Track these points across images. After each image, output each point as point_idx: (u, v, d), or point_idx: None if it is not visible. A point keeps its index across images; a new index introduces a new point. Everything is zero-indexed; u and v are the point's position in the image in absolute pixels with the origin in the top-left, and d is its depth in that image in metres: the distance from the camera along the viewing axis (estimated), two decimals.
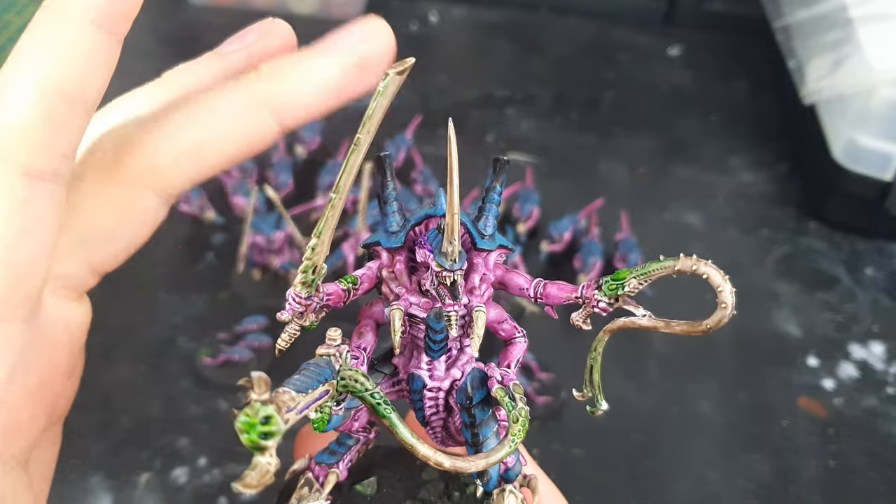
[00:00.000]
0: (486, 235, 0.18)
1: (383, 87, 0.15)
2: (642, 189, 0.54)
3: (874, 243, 0.51)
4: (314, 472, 0.19)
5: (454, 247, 0.16)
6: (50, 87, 0.16)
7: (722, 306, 0.17)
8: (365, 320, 0.19)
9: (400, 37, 0.29)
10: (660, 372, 0.41)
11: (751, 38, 0.69)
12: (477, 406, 0.18)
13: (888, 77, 0.44)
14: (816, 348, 0.43)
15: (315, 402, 0.15)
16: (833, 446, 0.38)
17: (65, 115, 0.16)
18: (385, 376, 0.19)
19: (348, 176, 0.15)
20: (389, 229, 0.18)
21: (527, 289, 0.19)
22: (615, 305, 0.18)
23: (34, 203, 0.16)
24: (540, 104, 0.61)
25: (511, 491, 0.19)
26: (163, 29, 0.67)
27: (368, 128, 0.15)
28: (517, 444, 0.17)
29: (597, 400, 0.20)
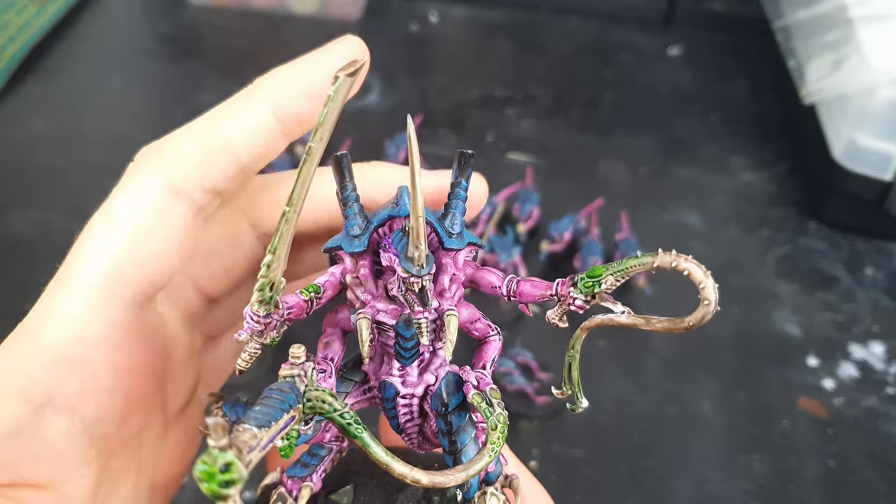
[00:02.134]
0: (453, 234, 0.17)
1: (334, 92, 0.14)
2: (642, 189, 0.54)
3: (874, 243, 0.51)
4: (286, 486, 0.18)
5: (421, 251, 0.15)
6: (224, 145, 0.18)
7: (705, 303, 0.16)
8: (330, 329, 0.18)
9: (400, 37, 0.29)
10: (660, 372, 0.41)
11: (751, 38, 0.69)
12: (453, 412, 0.17)
13: (888, 77, 0.44)
14: (816, 348, 0.43)
15: (280, 432, 0.14)
16: (833, 446, 0.38)
17: (223, 164, 0.18)
18: (355, 384, 0.18)
19: (301, 187, 0.14)
20: (351, 232, 0.17)
21: (499, 287, 0.18)
22: (592, 303, 0.17)
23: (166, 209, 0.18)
24: (540, 104, 0.61)
25: (493, 493, 0.18)
26: (163, 29, 0.67)
27: (321, 135, 0.14)
28: (497, 451, 0.16)
29: (576, 397, 0.19)
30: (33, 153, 0.53)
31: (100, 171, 0.35)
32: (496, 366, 0.19)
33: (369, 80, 0.62)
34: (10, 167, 0.52)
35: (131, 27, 0.67)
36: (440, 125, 0.58)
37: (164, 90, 0.61)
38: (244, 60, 0.63)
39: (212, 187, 0.19)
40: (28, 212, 0.48)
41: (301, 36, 0.66)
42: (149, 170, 0.18)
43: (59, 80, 0.60)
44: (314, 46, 0.21)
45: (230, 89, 0.66)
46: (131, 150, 0.37)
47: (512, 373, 0.38)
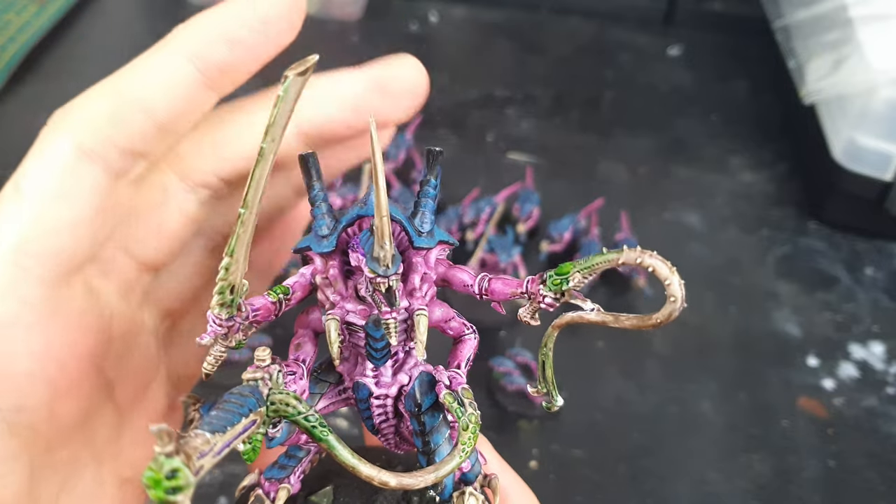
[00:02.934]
0: (423, 233, 0.17)
1: (283, 91, 0.13)
2: (642, 189, 0.54)
3: (874, 243, 0.51)
4: (264, 488, 0.18)
5: (386, 251, 0.15)
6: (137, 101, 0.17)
7: (671, 300, 0.16)
8: (301, 330, 0.18)
9: (400, 36, 0.29)
10: (660, 372, 0.41)
11: (751, 38, 0.69)
12: (427, 412, 0.17)
13: (888, 77, 0.44)
14: (816, 348, 0.43)
15: (238, 436, 0.14)
16: (833, 446, 0.38)
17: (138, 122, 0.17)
18: (330, 385, 0.18)
19: (255, 189, 0.14)
20: (319, 233, 0.17)
21: (471, 285, 0.18)
22: (562, 300, 0.17)
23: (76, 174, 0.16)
24: (540, 104, 0.61)
25: (472, 493, 0.18)
26: (163, 29, 0.66)
27: (272, 135, 0.13)
28: (468, 452, 0.16)
29: (552, 396, 0.19)
30: None
31: None
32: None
33: None
34: (11, 167, 0.52)
35: (131, 27, 0.67)
36: (440, 125, 0.58)
37: None
38: None
39: (128, 147, 0.17)
40: None
41: (301, 35, 0.66)
42: (57, 132, 0.17)
43: (59, 80, 0.60)
44: (314, 46, 0.21)
45: None
46: None
47: (511, 373, 0.38)
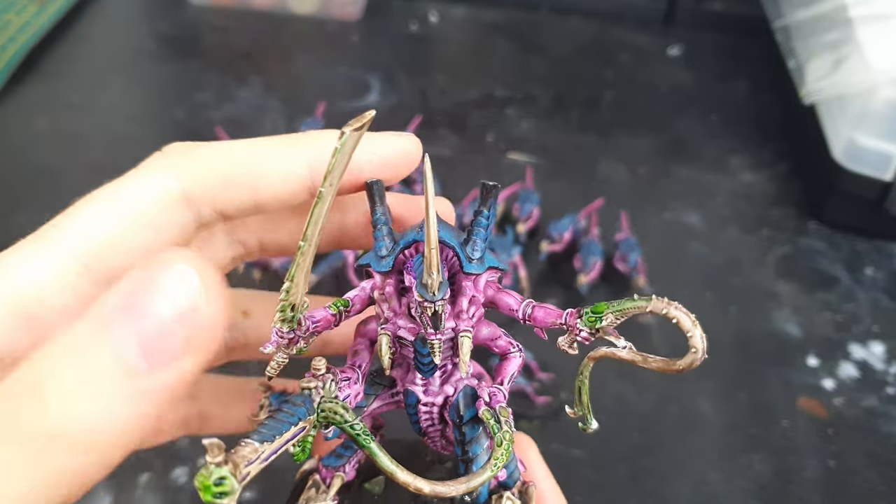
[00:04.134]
0: (473, 259, 0.18)
1: (341, 145, 0.15)
2: (642, 189, 0.54)
3: (874, 243, 0.51)
4: (321, 474, 0.20)
5: (433, 280, 0.16)
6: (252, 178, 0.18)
7: (692, 350, 0.17)
8: (359, 339, 0.19)
9: (400, 37, 0.29)
10: (659, 372, 0.41)
11: (751, 38, 0.69)
12: (467, 423, 0.19)
13: (888, 77, 0.44)
14: (816, 348, 0.43)
15: (286, 443, 0.16)
16: (833, 446, 0.38)
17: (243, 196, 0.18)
18: (384, 388, 0.19)
19: (314, 226, 0.15)
20: (379, 253, 0.18)
21: (516, 310, 0.19)
22: (596, 335, 0.19)
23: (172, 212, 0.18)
24: (540, 104, 0.61)
25: (509, 497, 0.19)
26: (164, 29, 0.67)
27: (330, 181, 0.15)
28: (500, 467, 0.17)
29: (587, 419, 0.20)
30: (33, 153, 0.53)
31: (100, 171, 0.35)
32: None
33: (369, 80, 0.62)
34: (11, 167, 0.52)
35: (131, 27, 0.67)
36: (440, 125, 0.58)
37: (165, 90, 0.61)
38: (244, 60, 0.63)
39: (221, 211, 0.18)
40: (28, 212, 0.48)
41: (301, 36, 0.66)
42: (171, 168, 0.18)
43: (59, 81, 0.60)
44: (314, 46, 0.21)
45: (230, 89, 0.66)
46: (132, 149, 0.37)
47: None
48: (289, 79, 0.61)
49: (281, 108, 0.58)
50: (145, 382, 0.13)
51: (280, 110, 0.58)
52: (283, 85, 0.61)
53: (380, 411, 0.20)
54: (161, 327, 0.12)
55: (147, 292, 0.12)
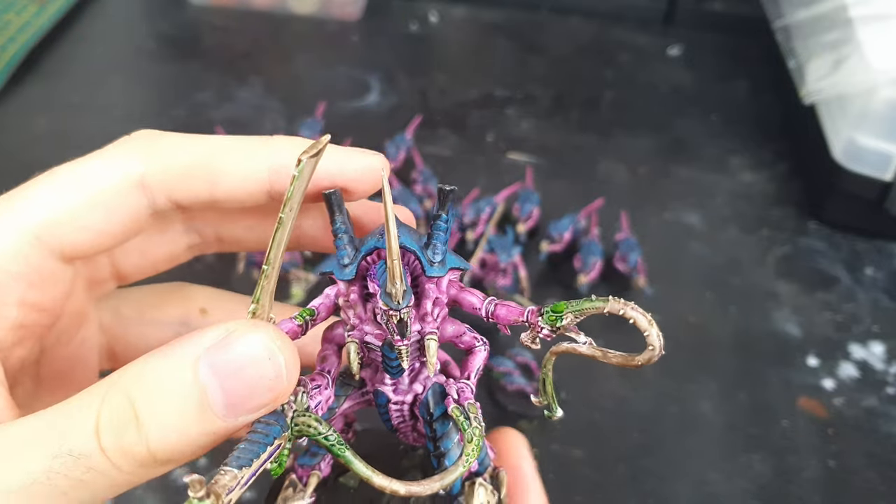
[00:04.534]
0: (435, 263, 0.18)
1: (298, 172, 0.15)
2: (642, 189, 0.54)
3: (874, 243, 0.51)
4: (297, 473, 0.20)
5: (397, 289, 0.17)
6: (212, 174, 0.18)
7: (650, 348, 0.18)
8: (326, 344, 0.19)
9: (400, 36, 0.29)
10: (659, 372, 0.41)
11: (751, 38, 0.69)
12: (437, 420, 0.19)
13: (888, 77, 0.44)
14: (816, 348, 0.43)
15: (263, 464, 0.16)
16: (833, 446, 0.38)
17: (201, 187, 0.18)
18: (354, 389, 0.20)
19: (277, 249, 0.16)
20: (342, 262, 0.18)
21: (479, 308, 0.20)
22: (557, 332, 0.19)
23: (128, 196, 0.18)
24: (540, 104, 0.61)
25: (481, 483, 0.19)
26: (164, 29, 0.67)
27: (290, 206, 0.15)
28: (471, 462, 0.18)
29: (552, 407, 0.21)
30: (33, 153, 0.53)
31: None
32: (497, 366, 0.21)
33: (369, 80, 0.62)
34: (11, 167, 0.52)
35: (131, 27, 0.67)
36: (440, 125, 0.58)
37: (165, 90, 0.61)
38: (244, 60, 0.63)
39: (177, 201, 0.18)
40: None
41: (301, 35, 0.66)
42: (134, 153, 0.18)
43: (59, 80, 0.60)
44: (314, 46, 0.21)
45: (230, 88, 0.67)
46: None
47: (512, 373, 0.38)
48: (289, 79, 0.61)
49: (281, 108, 0.58)
50: (218, 426, 0.15)
51: (280, 110, 0.58)
52: (283, 85, 0.61)
53: (351, 410, 0.20)
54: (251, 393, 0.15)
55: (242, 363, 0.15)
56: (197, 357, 0.15)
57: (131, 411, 0.14)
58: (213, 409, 0.15)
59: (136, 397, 0.14)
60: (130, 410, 0.14)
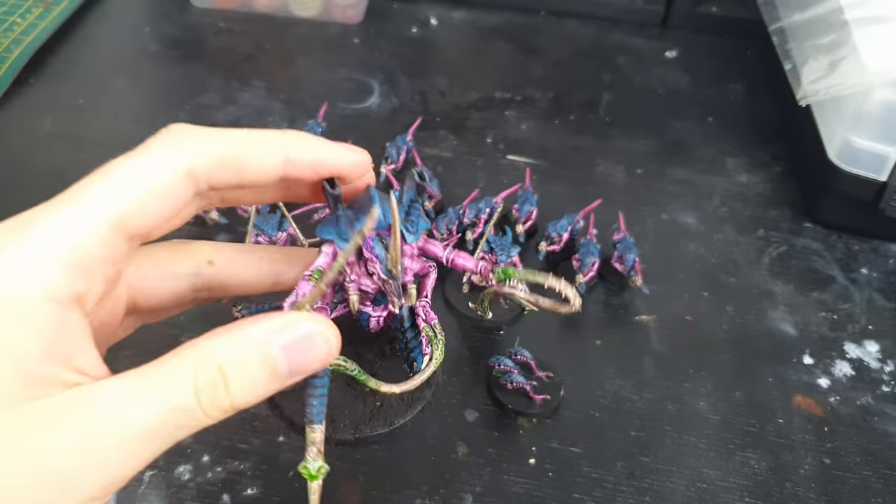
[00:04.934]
0: (413, 233, 0.25)
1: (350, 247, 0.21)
2: (640, 190, 0.54)
3: (869, 243, 0.51)
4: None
5: (397, 269, 0.23)
6: (241, 161, 0.22)
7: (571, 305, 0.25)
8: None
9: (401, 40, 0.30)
10: (656, 370, 0.42)
11: (747, 40, 0.70)
12: (409, 330, 0.26)
13: (883, 79, 0.45)
14: (812, 347, 0.44)
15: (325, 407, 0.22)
16: (828, 444, 0.39)
17: (232, 175, 0.22)
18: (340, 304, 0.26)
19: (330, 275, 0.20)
20: (343, 236, 0.24)
21: (441, 256, 0.26)
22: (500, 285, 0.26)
23: (178, 185, 0.21)
24: (539, 106, 0.62)
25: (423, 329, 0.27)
26: (166, 31, 0.67)
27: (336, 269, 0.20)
28: (439, 363, 0.25)
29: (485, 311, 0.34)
30: (38, 154, 0.54)
31: None
32: (497, 365, 0.28)
33: (370, 83, 0.63)
34: (16, 168, 0.52)
35: (135, 29, 0.68)
36: (440, 127, 0.59)
37: (168, 92, 0.61)
38: (247, 63, 0.64)
39: (213, 185, 0.22)
40: None
41: (303, 38, 0.67)
42: (178, 146, 0.21)
43: (63, 82, 0.60)
44: (316, 49, 0.22)
45: (233, 91, 0.67)
46: None
47: (511, 371, 0.39)
48: (291, 81, 0.62)
49: (283, 111, 0.59)
50: (281, 385, 0.20)
51: (282, 112, 0.59)
52: (285, 87, 0.61)
53: (336, 316, 0.26)
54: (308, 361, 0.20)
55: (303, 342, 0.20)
56: (269, 337, 0.19)
57: (221, 376, 0.19)
58: (279, 374, 0.20)
59: (225, 365, 0.19)
60: (220, 375, 0.19)
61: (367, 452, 0.36)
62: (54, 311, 0.18)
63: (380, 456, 0.36)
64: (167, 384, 0.18)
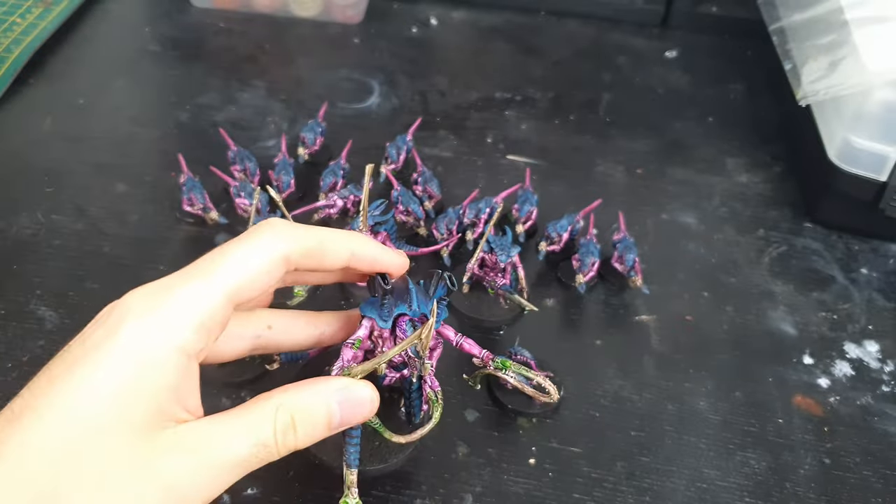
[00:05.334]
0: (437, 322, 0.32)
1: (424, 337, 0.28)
2: (640, 190, 0.54)
3: (869, 243, 0.51)
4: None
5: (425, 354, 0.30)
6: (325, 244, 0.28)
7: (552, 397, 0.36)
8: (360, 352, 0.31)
9: (401, 40, 0.30)
10: (656, 370, 0.42)
11: (747, 40, 0.70)
12: (415, 391, 0.32)
13: (883, 79, 0.45)
14: (812, 347, 0.44)
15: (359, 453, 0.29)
16: (828, 444, 0.39)
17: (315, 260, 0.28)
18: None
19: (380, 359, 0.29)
20: (382, 317, 0.30)
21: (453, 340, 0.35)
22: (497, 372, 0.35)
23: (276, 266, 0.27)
24: (539, 106, 0.62)
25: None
26: (166, 31, 0.67)
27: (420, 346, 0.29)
28: (437, 420, 0.32)
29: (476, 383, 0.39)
30: (38, 154, 0.54)
31: (105, 172, 0.35)
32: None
33: (371, 83, 0.63)
34: (16, 168, 0.52)
35: (135, 29, 0.68)
36: (440, 127, 0.59)
37: (168, 92, 0.61)
38: (247, 62, 0.64)
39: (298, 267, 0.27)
40: (33, 212, 0.49)
41: (303, 39, 0.67)
42: (278, 237, 0.27)
43: (63, 82, 0.61)
44: (316, 49, 0.22)
45: (233, 91, 0.67)
46: (136, 151, 0.37)
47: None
48: (291, 81, 0.62)
49: (283, 111, 0.59)
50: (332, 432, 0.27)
51: (282, 112, 0.59)
52: (285, 87, 0.61)
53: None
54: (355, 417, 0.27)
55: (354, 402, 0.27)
56: (332, 396, 0.26)
57: (292, 423, 0.25)
58: (333, 425, 0.26)
59: (295, 414, 0.25)
60: (291, 422, 0.25)
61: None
62: (182, 362, 0.23)
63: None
64: (254, 426, 0.24)
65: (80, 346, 0.22)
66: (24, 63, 0.60)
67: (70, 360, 0.22)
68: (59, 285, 0.43)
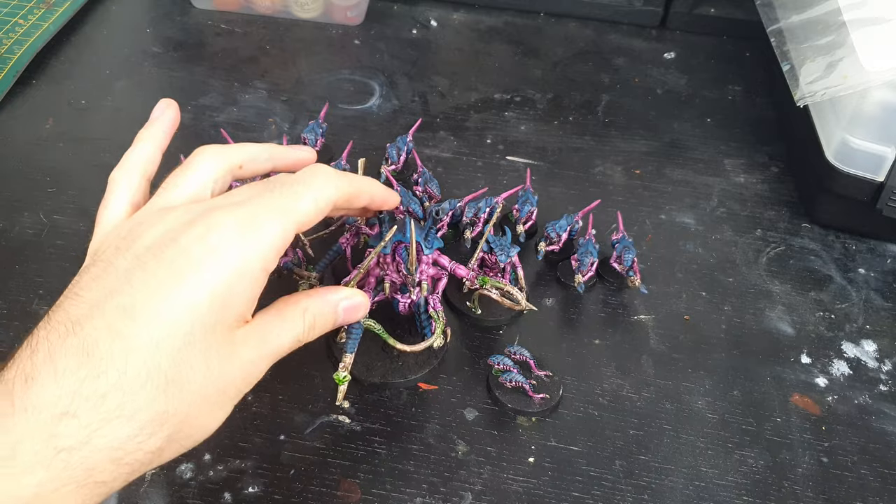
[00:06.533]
0: (428, 247, 0.40)
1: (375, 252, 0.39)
2: (638, 190, 0.55)
3: (866, 243, 0.52)
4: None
5: (413, 270, 0.38)
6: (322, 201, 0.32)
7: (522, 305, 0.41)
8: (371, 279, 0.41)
9: (401, 41, 0.30)
10: (655, 369, 0.42)
11: (745, 42, 0.70)
12: (423, 313, 0.40)
13: (881, 79, 0.45)
14: (809, 346, 0.44)
15: (356, 344, 0.37)
16: (826, 443, 0.39)
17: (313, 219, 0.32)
18: (380, 293, 0.41)
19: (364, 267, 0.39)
20: (385, 250, 0.39)
21: (447, 266, 0.41)
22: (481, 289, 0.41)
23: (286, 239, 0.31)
24: (538, 107, 0.62)
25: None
26: (167, 32, 0.68)
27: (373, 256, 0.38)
28: (439, 335, 0.39)
29: (476, 308, 0.43)
30: (40, 155, 0.54)
31: (105, 172, 0.36)
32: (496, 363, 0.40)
33: (371, 84, 0.63)
34: (17, 169, 0.53)
35: (136, 31, 0.68)
36: (440, 128, 0.59)
37: (170, 93, 0.61)
38: (248, 64, 0.64)
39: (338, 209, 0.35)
40: (35, 213, 0.49)
41: (304, 40, 0.67)
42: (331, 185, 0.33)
43: (65, 83, 0.61)
44: (316, 50, 0.22)
45: (234, 92, 0.67)
46: None
47: (510, 370, 0.39)
48: (292, 83, 0.62)
49: (284, 112, 0.59)
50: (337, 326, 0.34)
51: (283, 114, 0.59)
52: (286, 89, 0.62)
53: (378, 300, 0.41)
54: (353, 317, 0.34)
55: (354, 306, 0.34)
56: (339, 301, 0.33)
57: (313, 323, 0.31)
58: (339, 320, 0.33)
59: (317, 315, 0.32)
60: (314, 322, 0.31)
61: (368, 450, 0.37)
62: (262, 278, 0.29)
63: (380, 454, 0.37)
64: (293, 325, 0.30)
65: (185, 258, 0.27)
66: (27, 64, 0.60)
67: (175, 268, 0.27)
68: (61, 285, 0.43)
